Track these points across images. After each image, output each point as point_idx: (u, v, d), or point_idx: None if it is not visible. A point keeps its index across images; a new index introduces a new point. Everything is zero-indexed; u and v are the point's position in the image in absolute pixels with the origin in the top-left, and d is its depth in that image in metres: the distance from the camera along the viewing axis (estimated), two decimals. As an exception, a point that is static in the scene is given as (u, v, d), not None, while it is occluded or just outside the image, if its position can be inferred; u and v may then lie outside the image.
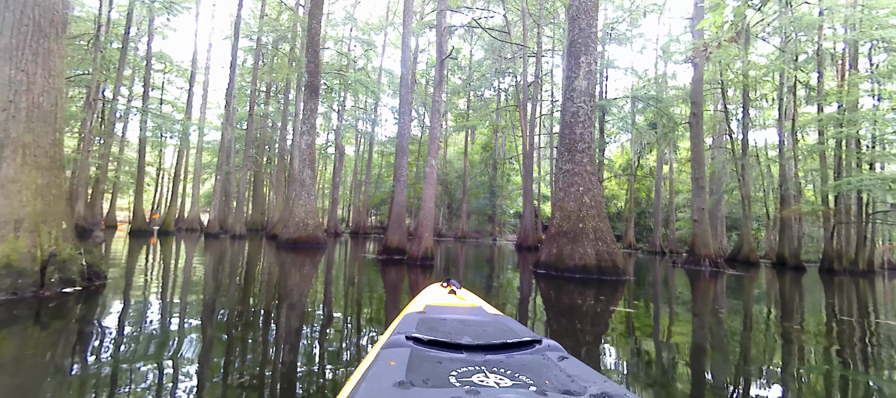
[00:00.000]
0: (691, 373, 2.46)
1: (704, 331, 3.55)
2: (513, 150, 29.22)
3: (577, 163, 7.06)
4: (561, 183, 7.26)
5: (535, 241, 18.56)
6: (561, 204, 7.14)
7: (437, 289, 1.95)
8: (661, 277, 8.26)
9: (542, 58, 22.32)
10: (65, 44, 3.66)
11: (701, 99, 12.80)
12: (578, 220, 6.77)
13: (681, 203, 29.93)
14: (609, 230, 6.88)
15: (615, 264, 6.52)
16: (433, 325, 1.22)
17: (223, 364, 2.16)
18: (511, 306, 4.29)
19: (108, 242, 10.14)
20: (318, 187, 40.80)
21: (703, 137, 12.77)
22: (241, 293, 4.22)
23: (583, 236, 6.62)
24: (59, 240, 3.42)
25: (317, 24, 12.57)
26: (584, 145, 7.12)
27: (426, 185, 7.86)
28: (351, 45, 28.19)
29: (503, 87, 28.34)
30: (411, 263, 7.55)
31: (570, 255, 6.59)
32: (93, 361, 2.07)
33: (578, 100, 7.21)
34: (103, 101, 17.83)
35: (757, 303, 5.60)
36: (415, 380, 0.75)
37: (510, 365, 0.89)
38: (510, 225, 31.40)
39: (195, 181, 19.51)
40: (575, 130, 7.18)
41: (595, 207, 6.86)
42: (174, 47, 45.09)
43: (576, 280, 6.23)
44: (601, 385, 0.76)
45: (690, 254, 11.96)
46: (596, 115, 11.07)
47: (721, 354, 2.84)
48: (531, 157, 19.66)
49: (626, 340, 3.08)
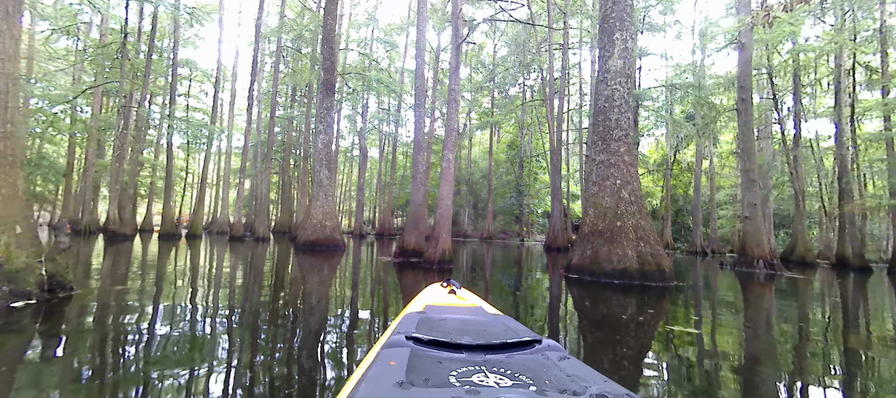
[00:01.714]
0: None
1: (817, 361, 2.71)
2: (539, 147, 28.18)
3: (612, 152, 6.21)
4: (594, 176, 6.41)
5: (565, 242, 17.56)
6: (595, 199, 6.31)
7: (437, 289, 1.92)
8: (711, 281, 7.25)
9: (568, 50, 21.29)
10: (21, 30, 3.21)
11: (750, 83, 11.55)
12: (616, 218, 5.92)
13: (722, 200, 28.15)
14: (652, 229, 5.99)
15: (661, 268, 5.64)
16: (433, 325, 1.21)
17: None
18: (538, 321, 3.56)
19: (144, 245, 10.05)
20: (344, 190, 41.29)
21: (752, 126, 11.50)
22: (227, 304, 3.69)
23: (621, 236, 5.77)
24: (11, 246, 2.98)
25: (332, 20, 12.18)
26: (620, 132, 6.26)
27: (443, 181, 7.17)
28: (373, 47, 28.06)
29: (529, 84, 27.39)
30: (428, 267, 6.90)
31: (606, 258, 5.75)
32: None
33: (613, 81, 6.36)
34: (130, 106, 18.23)
35: (854, 317, 4.61)
36: (415, 379, 0.75)
37: (510, 365, 0.88)
38: (538, 225, 30.31)
39: (223, 185, 19.67)
40: (610, 116, 6.33)
41: (635, 203, 5.99)
42: (203, 55, 46.54)
43: (614, 286, 5.41)
44: (601, 385, 0.75)
45: (741, 254, 10.75)
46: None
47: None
48: (559, 154, 18.67)
49: (708, 382, 2.31)
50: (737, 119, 12.06)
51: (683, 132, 20.96)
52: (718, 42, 15.28)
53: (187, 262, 7.02)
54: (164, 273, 5.53)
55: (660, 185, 27.24)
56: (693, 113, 23.71)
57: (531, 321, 3.47)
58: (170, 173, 18.85)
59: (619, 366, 2.34)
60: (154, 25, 17.10)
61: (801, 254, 14.85)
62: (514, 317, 1.25)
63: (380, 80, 21.80)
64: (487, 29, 30.07)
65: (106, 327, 2.72)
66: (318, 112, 12.13)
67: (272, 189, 33.58)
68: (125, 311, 3.11)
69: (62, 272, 3.33)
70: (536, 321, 3.52)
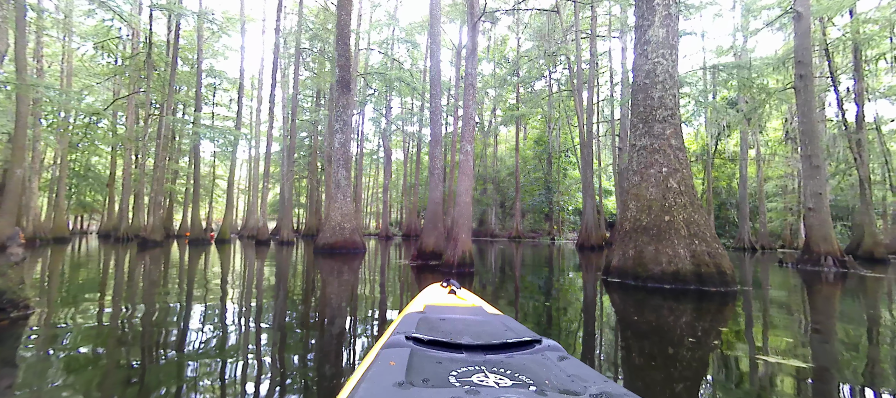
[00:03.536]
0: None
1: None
2: (568, 141, 27.00)
3: (656, 135, 5.33)
4: (635, 164, 5.54)
5: (599, 240, 16.50)
6: (636, 191, 5.44)
7: (437, 289, 1.93)
8: (777, 283, 6.19)
9: (596, 37, 20.13)
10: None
11: (809, 57, 10.23)
12: (663, 211, 5.04)
13: (769, 191, 26.20)
14: (707, 223, 5.06)
15: (721, 269, 4.71)
16: (433, 325, 1.21)
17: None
18: (572, 341, 2.82)
19: (166, 250, 9.93)
20: (371, 192, 41.37)
21: (814, 105, 10.17)
22: (220, 316, 3.16)
23: (671, 232, 4.89)
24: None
25: (346, 16, 11.74)
26: (665, 112, 5.37)
27: (461, 175, 6.45)
28: (394, 47, 27.80)
29: (555, 76, 26.28)
30: (446, 270, 6.22)
31: (653, 259, 4.89)
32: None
33: (655, 54, 5.48)
34: (150, 115, 18.58)
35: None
36: (414, 380, 0.75)
37: (510, 365, 0.88)
38: (570, 222, 29.06)
39: (252, 190, 19.75)
40: (652, 94, 5.45)
41: (686, 193, 5.09)
42: (232, 65, 47.80)
43: (664, 292, 4.56)
44: (601, 385, 0.75)
45: (805, 250, 9.49)
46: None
47: None
48: (590, 147, 17.60)
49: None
50: (795, 98, 10.74)
51: (727, 119, 19.35)
52: (768, 15, 13.83)
53: (188, 268, 6.66)
54: (155, 280, 5.13)
55: (699, 178, 25.49)
56: (736, 98, 21.98)
57: (572, 346, 2.74)
58: (197, 180, 19.09)
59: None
60: (177, 35, 17.29)
61: (868, 249, 13.21)
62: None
63: (401, 78, 21.38)
64: (510, 22, 29.17)
65: (51, 356, 2.21)
66: (335, 110, 11.71)
67: (302, 193, 33.97)
68: (83, 334, 2.61)
69: (14, 288, 2.89)
70: (572, 345, 2.78)
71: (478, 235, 27.98)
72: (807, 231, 9.58)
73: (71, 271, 6.30)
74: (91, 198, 29.02)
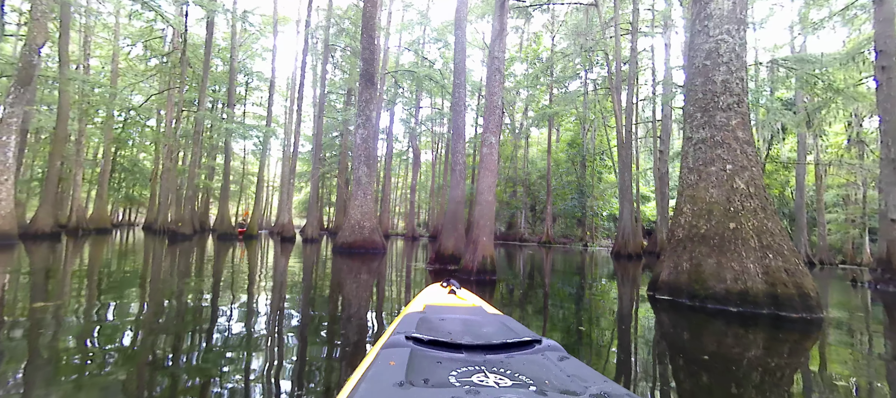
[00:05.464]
0: None
1: None
2: (603, 144, 25.66)
3: (718, 126, 4.45)
4: (691, 160, 4.67)
5: (637, 248, 15.32)
6: (692, 192, 4.57)
7: (437, 289, 1.91)
8: (862, 307, 5.11)
9: (637, 33, 18.89)
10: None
11: (893, 46, 8.86)
12: (727, 217, 4.17)
13: (830, 202, 23.97)
14: (783, 233, 4.12)
15: (802, 291, 3.79)
16: (433, 325, 1.20)
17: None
18: (619, 372, 2.09)
19: (190, 244, 9.84)
20: (400, 193, 41.29)
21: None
22: (212, 320, 2.66)
23: (737, 243, 4.01)
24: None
25: (372, 8, 11.32)
26: (730, 99, 4.48)
27: (483, 171, 5.71)
28: (425, 46, 27.50)
29: (591, 77, 25.06)
30: (465, 277, 5.54)
31: (715, 274, 4.02)
32: None
33: (717, 30, 4.60)
34: (182, 111, 18.97)
35: None
36: (415, 380, 0.75)
37: (510, 365, 0.87)
38: (603, 229, 27.63)
39: (282, 187, 19.82)
40: (713, 77, 4.57)
41: (756, 196, 4.19)
42: (269, 65, 49.08)
43: (729, 316, 3.71)
44: (601, 385, 0.74)
45: (885, 269, 8.17)
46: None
47: None
48: (628, 149, 16.43)
49: None
50: (875, 95, 9.37)
51: (783, 120, 17.64)
52: (835, 3, 12.30)
53: (196, 264, 6.32)
54: (150, 273, 4.75)
55: (750, 185, 23.54)
56: (792, 99, 20.10)
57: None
58: (226, 176, 19.32)
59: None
60: (210, 32, 17.52)
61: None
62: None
63: (430, 76, 20.93)
64: (545, 20, 28.14)
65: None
66: (358, 104, 11.31)
67: (333, 191, 34.26)
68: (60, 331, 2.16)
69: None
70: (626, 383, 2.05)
71: (506, 239, 27.11)
72: (889, 245, 8.24)
73: (68, 262, 6.09)
74: (137, 191, 30.31)
